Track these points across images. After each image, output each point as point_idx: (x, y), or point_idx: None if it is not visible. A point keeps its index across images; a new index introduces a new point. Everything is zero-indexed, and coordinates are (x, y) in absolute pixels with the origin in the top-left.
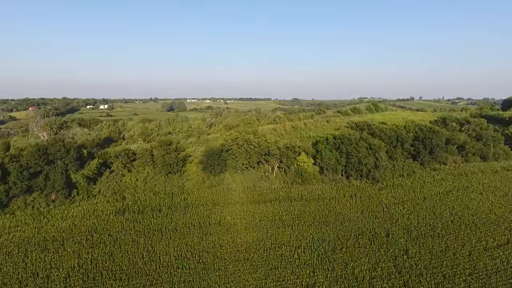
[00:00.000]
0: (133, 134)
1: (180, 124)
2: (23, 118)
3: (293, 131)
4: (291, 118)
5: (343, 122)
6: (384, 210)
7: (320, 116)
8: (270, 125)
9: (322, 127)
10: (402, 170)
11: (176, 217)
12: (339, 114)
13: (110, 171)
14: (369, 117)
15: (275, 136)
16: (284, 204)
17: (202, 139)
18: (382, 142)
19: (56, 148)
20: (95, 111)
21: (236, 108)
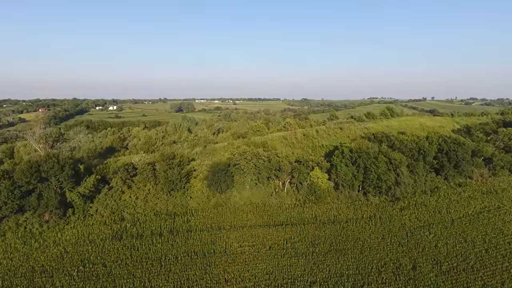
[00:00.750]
0: (136, 143)
1: (186, 133)
2: (33, 119)
3: (305, 140)
4: (302, 124)
5: (357, 129)
6: (408, 236)
7: (333, 122)
8: (280, 133)
9: (335, 135)
10: (425, 185)
11: (177, 243)
12: (353, 120)
13: (109, 187)
14: (384, 124)
15: (285, 145)
16: (296, 228)
17: (209, 148)
18: (403, 156)
19: (49, 164)
20: (104, 113)
21: (245, 109)
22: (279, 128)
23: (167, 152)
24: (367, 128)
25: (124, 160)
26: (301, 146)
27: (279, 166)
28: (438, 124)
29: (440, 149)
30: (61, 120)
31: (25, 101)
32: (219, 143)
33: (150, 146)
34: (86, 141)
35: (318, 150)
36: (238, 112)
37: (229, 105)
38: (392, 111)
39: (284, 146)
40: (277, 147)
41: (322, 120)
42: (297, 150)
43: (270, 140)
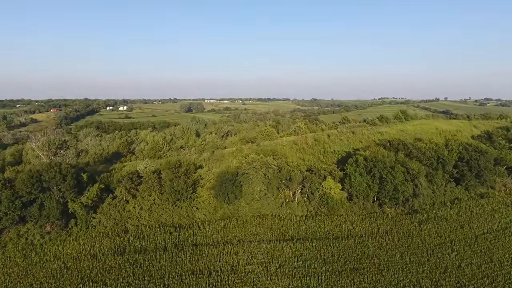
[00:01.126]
0: (142, 148)
1: (193, 138)
2: (44, 120)
3: (316, 145)
4: (313, 128)
5: (370, 134)
6: (429, 253)
7: (345, 126)
8: (290, 137)
9: (347, 139)
10: (444, 196)
11: (182, 259)
12: (366, 124)
13: (113, 196)
14: (399, 128)
15: (296, 150)
16: (308, 244)
17: (217, 154)
18: (421, 165)
19: (51, 174)
20: (114, 113)
21: (254, 109)
22: (289, 132)
23: (174, 159)
24: (381, 133)
25: (129, 167)
26: (312, 152)
27: (289, 176)
28: (455, 128)
29: (461, 157)
30: (72, 121)
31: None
32: (227, 148)
33: (156, 151)
34: (94, 144)
35: (330, 156)
36: (247, 113)
37: (239, 105)
38: (406, 114)
39: (295, 152)
40: (287, 153)
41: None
42: (308, 156)
43: (280, 145)
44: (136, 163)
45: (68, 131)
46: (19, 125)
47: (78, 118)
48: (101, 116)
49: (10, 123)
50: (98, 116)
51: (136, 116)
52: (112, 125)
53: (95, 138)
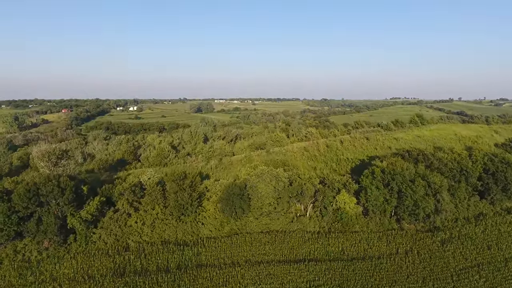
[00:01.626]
0: (148, 155)
1: (201, 144)
2: (55, 120)
3: (328, 152)
4: (324, 133)
5: (385, 140)
6: (454, 279)
7: (358, 131)
8: (301, 143)
9: (361, 146)
10: (467, 211)
11: (185, 282)
12: (380, 129)
13: (114, 210)
14: (415, 133)
15: (307, 158)
16: (321, 266)
17: (225, 162)
18: (444, 178)
19: (48, 188)
20: (124, 113)
21: (264, 110)
22: (300, 138)
23: (179, 170)
24: (397, 139)
25: (132, 178)
26: (324, 160)
27: (301, 190)
28: (474, 134)
29: (486, 169)
30: (82, 121)
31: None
32: (236, 154)
33: (162, 158)
34: (100, 149)
35: (343, 164)
36: (257, 113)
37: (248, 105)
38: (422, 118)
39: (306, 160)
40: (298, 160)
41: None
42: (320, 164)
43: (290, 152)
44: (141, 171)
45: (78, 132)
46: (30, 126)
47: (89, 119)
48: (111, 116)
49: (22, 124)
50: (108, 116)
51: (146, 117)
52: (122, 126)
53: (102, 141)
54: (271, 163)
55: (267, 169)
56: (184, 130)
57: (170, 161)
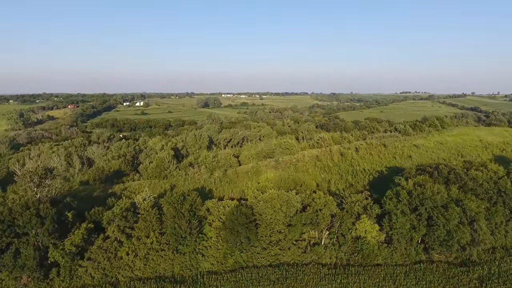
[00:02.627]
0: (147, 166)
1: (205, 152)
2: (61, 117)
3: (342, 161)
4: (338, 139)
5: (405, 147)
6: None
7: (374, 137)
8: (312, 150)
9: (378, 154)
10: (505, 238)
11: None
12: (398, 135)
13: (104, 237)
14: (436, 140)
15: (320, 169)
16: None
17: (230, 174)
18: (480, 203)
19: (25, 218)
20: (130, 109)
21: (272, 105)
22: (311, 144)
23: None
24: (417, 147)
25: (126, 198)
26: (339, 171)
27: (316, 217)
28: (501, 140)
29: None
30: (88, 117)
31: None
32: (242, 163)
33: (162, 170)
34: (100, 154)
35: (360, 176)
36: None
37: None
38: (442, 121)
39: (319, 171)
40: (310, 173)
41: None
42: (334, 176)
43: (301, 163)
44: (138, 184)
45: (82, 130)
46: (36, 122)
47: (95, 115)
48: (117, 112)
49: (27, 120)
50: (115, 112)
51: (152, 112)
52: (127, 123)
53: (103, 145)
54: (281, 183)
55: (276, 193)
56: (188, 133)
57: (171, 172)
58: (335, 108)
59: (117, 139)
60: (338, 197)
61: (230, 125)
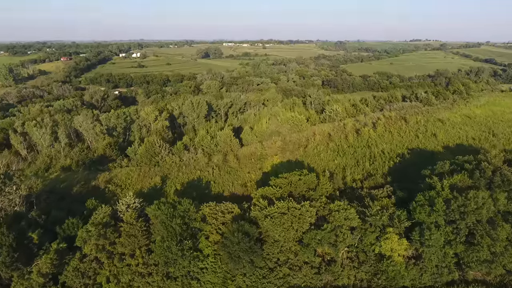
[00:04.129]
0: (136, 149)
1: (202, 132)
2: (53, 71)
3: (358, 141)
4: (352, 112)
5: (428, 123)
6: None
7: (393, 108)
8: (324, 126)
9: (398, 132)
10: None
11: None
12: (419, 105)
13: (81, 255)
14: (463, 112)
15: (333, 152)
16: None
17: (230, 160)
18: None
19: None
20: (127, 61)
21: (275, 56)
22: (323, 118)
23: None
24: (442, 122)
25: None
26: (355, 155)
27: (335, 237)
28: None
29: None
30: (82, 71)
31: (50, 45)
32: (244, 142)
33: (152, 156)
34: (86, 128)
35: (379, 161)
36: (268, 60)
37: (259, 49)
38: (468, 87)
39: (332, 155)
40: (322, 159)
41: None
42: (350, 161)
43: (311, 143)
44: (126, 173)
45: (76, 86)
46: (26, 78)
47: (89, 68)
48: (113, 65)
49: (18, 76)
50: (110, 65)
51: (150, 65)
52: (123, 78)
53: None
54: (289, 173)
55: (286, 206)
56: (185, 101)
57: (162, 158)
58: (342, 60)
59: (112, 98)
60: (358, 201)
61: (232, 81)
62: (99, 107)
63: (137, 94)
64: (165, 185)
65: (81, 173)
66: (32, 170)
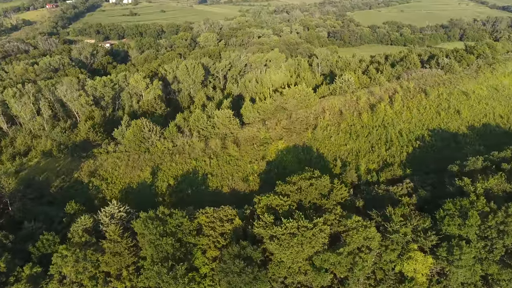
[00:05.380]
0: (123, 131)
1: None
2: (39, 20)
3: (373, 120)
4: (366, 82)
5: (451, 97)
6: None
7: (411, 77)
8: (334, 99)
9: (417, 107)
10: None
11: None
12: (440, 73)
13: (61, 277)
14: (490, 83)
15: (344, 134)
16: None
17: (229, 145)
18: None
19: None
20: (117, 8)
21: (277, 2)
22: (333, 89)
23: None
24: (466, 95)
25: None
26: (369, 137)
27: (353, 260)
28: None
29: None
30: (70, 21)
31: None
32: (246, 123)
33: (142, 141)
34: (70, 98)
35: (396, 146)
36: (269, 6)
37: None
38: (494, 50)
39: (343, 137)
40: (333, 144)
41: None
42: (364, 145)
43: (321, 122)
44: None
45: (64, 39)
46: (10, 29)
47: (77, 17)
48: (102, 13)
49: (1, 27)
50: (99, 13)
51: (143, 12)
52: (114, 29)
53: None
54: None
55: (295, 224)
56: (179, 65)
57: (153, 144)
58: (349, 6)
59: (102, 54)
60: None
61: (231, 33)
62: (88, 65)
63: (130, 48)
64: (156, 178)
65: (63, 161)
66: (8, 154)
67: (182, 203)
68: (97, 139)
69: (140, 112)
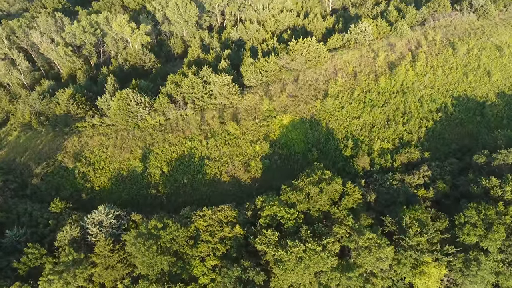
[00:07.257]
0: (108, 100)
1: (191, 77)
2: None
3: (391, 84)
4: (385, 31)
5: (482, 52)
6: None
7: (438, 24)
8: (347, 55)
9: (442, 67)
10: None
11: None
12: (472, 18)
13: None
14: None
15: (358, 104)
16: None
17: (228, 121)
18: None
19: None
20: None
21: None
22: (346, 40)
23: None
24: (500, 50)
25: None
26: (385, 108)
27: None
28: None
29: None
30: None
31: None
32: (246, 85)
33: (129, 115)
34: (47, 49)
35: (415, 118)
36: None
37: None
38: None
39: (356, 107)
40: (344, 114)
41: None
42: (379, 117)
43: (331, 89)
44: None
45: None
46: None
47: None
48: None
49: None
50: None
51: None
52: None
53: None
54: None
55: (302, 248)
56: (169, 3)
57: (143, 119)
58: None
59: None
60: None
61: None
62: None
63: None
64: (148, 163)
65: (44, 137)
66: None
67: (177, 194)
68: (79, 111)
69: (127, 66)
